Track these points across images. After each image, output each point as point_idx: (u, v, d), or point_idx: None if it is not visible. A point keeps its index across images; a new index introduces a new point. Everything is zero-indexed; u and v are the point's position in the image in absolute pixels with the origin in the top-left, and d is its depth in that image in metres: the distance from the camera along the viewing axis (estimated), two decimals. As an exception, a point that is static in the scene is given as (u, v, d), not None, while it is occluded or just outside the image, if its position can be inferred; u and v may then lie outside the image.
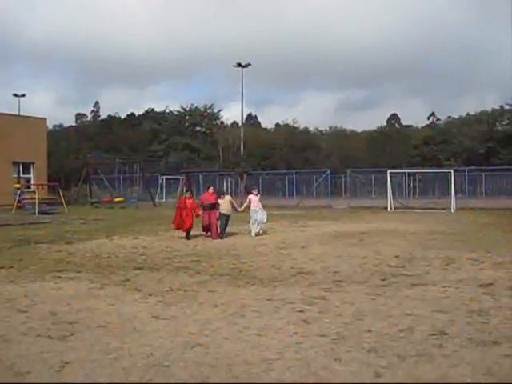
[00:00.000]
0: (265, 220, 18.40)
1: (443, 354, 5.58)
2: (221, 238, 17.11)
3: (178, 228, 17.56)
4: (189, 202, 17.73)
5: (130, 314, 7.36)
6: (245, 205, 19.18)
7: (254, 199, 18.66)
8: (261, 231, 18.24)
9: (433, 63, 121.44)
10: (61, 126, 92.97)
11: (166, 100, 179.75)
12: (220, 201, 17.88)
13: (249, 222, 18.50)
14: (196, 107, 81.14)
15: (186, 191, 18.38)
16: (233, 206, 18.57)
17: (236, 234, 18.73)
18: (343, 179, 51.43)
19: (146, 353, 5.68)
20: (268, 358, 5.56)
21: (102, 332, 6.50)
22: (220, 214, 17.62)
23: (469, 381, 4.62)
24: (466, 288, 8.93)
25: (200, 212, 17.73)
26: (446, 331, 6.35)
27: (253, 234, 17.88)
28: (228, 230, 18.35)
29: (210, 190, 18.37)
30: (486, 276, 9.99)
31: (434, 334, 6.22)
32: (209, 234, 17.60)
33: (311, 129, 79.98)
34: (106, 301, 8.24)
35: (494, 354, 5.59)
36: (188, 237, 17.15)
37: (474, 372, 5.09)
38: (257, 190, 19.67)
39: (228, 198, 18.65)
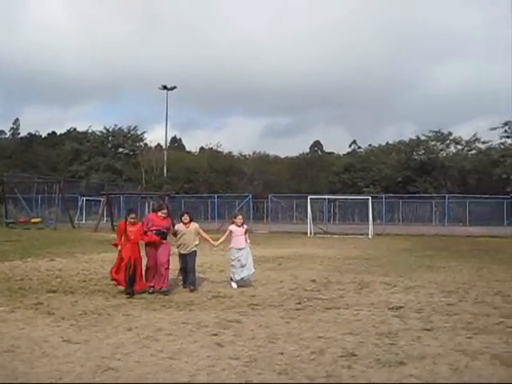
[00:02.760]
0: (251, 266, 12.29)
1: (351, 374, 5.75)
2: (191, 290, 11.24)
3: (115, 279, 11.08)
4: (133, 229, 11.05)
5: (40, 338, 7.18)
6: (222, 239, 12.55)
7: (237, 231, 12.38)
8: (248, 279, 12.17)
9: (356, 92, 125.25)
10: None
11: (90, 120, 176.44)
12: (179, 228, 11.91)
13: (231, 266, 12.31)
14: (120, 128, 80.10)
15: (129, 212, 11.40)
16: (202, 238, 12.32)
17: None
18: (265, 204, 51.92)
19: (55, 377, 5.58)
20: (179, 381, 5.57)
21: (10, 357, 6.31)
22: (179, 254, 12.00)
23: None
24: (377, 311, 9.22)
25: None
26: (356, 353, 6.54)
27: (234, 285, 11.90)
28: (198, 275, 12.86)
29: (163, 212, 11.52)
30: (397, 299, 10.36)
31: (343, 356, 6.39)
32: (152, 284, 11.19)
33: (235, 153, 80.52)
34: (16, 324, 7.99)
35: (399, 373, 5.83)
36: (130, 291, 10.63)
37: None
38: (241, 218, 12.74)
39: (194, 225, 12.08)
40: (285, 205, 50.57)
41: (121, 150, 79.69)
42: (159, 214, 11.43)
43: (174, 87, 69.58)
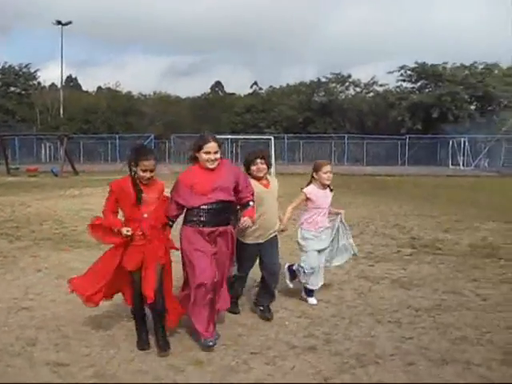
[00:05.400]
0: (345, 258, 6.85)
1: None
2: (268, 319, 5.74)
3: (82, 291, 5.05)
4: (151, 196, 4.98)
5: None
6: (289, 211, 6.36)
7: (318, 196, 6.36)
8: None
9: (257, 34, 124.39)
10: None
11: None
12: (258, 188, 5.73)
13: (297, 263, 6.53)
14: (10, 66, 75.68)
15: (141, 152, 4.91)
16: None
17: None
18: (167, 144, 51.38)
19: (-35, 320, 5.42)
20: (97, 316, 5.58)
21: None
22: (244, 244, 5.74)
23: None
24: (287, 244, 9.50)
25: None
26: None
27: (313, 301, 6.31)
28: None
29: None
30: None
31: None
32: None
33: (135, 93, 78.44)
34: None
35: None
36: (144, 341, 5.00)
37: (292, 315, 5.57)
38: (330, 168, 6.37)
39: (274, 182, 6.12)
40: (188, 145, 50.22)
41: (12, 89, 75.56)
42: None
43: (69, 22, 66.10)
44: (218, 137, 5.22)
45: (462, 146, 43.65)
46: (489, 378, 4.37)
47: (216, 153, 5.05)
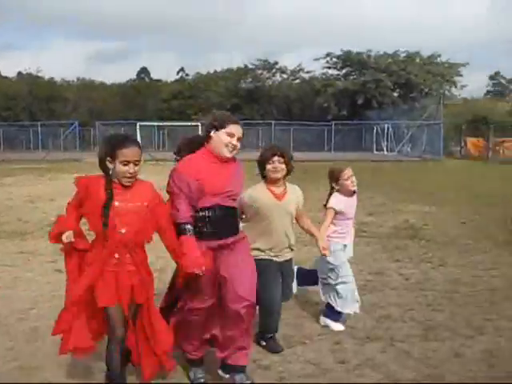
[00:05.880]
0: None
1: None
2: (278, 350, 4.59)
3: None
4: (128, 205, 3.59)
5: None
6: (326, 224, 5.20)
7: (347, 206, 5.25)
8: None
9: (184, 20, 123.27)
10: None
11: None
12: (257, 197, 4.65)
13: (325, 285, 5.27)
14: None
15: (119, 141, 3.59)
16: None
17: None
18: (92, 132, 50.23)
19: None
20: (21, 309, 5.43)
21: None
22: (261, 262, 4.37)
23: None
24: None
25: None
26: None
27: (340, 327, 5.10)
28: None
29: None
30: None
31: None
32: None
33: (57, 79, 76.22)
34: None
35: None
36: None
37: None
38: (350, 172, 5.18)
39: (296, 190, 4.97)
40: (113, 132, 49.26)
41: None
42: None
43: (-14, 5, 63.49)
44: (144, 124, 4.85)
45: (386, 131, 44.73)
46: (410, 353, 4.54)
47: (239, 140, 3.87)
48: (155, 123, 46.07)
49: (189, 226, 3.71)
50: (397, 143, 43.09)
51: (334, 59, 56.24)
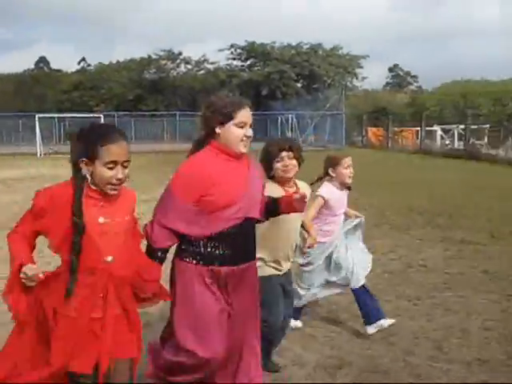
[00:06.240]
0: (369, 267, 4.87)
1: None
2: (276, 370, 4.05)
3: None
4: (111, 221, 2.68)
5: None
6: (313, 212, 4.59)
7: (336, 200, 4.76)
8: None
9: (84, 8, 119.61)
10: None
11: None
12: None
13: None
14: None
15: (99, 136, 2.64)
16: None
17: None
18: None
19: None
20: None
21: None
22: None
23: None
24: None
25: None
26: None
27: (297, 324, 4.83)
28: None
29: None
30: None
31: None
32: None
33: None
34: None
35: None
36: None
37: None
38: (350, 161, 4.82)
39: (306, 187, 4.14)
40: (11, 124, 47.25)
41: None
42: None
43: None
44: (43, 116, 3.99)
45: (290, 122, 45.40)
46: (316, 336, 4.62)
47: (251, 127, 3.08)
48: (55, 115, 44.49)
49: (158, 258, 2.96)
50: (301, 133, 43.86)
51: (239, 50, 56.47)
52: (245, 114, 3.01)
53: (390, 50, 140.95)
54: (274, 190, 3.61)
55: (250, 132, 3.03)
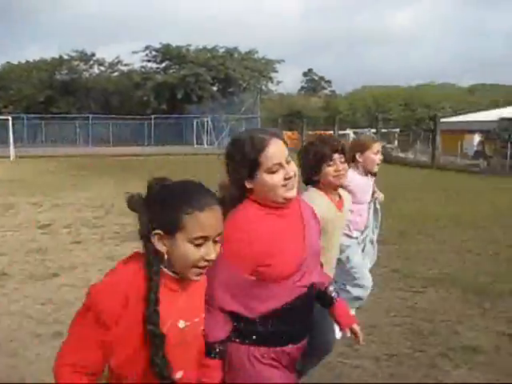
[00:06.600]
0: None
1: (3, 293, 5.63)
2: None
3: None
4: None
5: None
6: None
7: (361, 186, 4.43)
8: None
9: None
10: None
11: None
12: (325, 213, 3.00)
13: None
14: None
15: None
16: None
17: None
18: None
19: None
20: None
21: None
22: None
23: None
24: (25, 231, 9.09)
25: None
26: (7, 272, 6.42)
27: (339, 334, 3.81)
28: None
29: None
30: (45, 217, 10.36)
31: None
32: None
33: None
34: None
35: (53, 284, 5.94)
36: None
37: (34, 303, 5.32)
38: (379, 147, 4.57)
39: (347, 197, 3.52)
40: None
41: None
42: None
43: None
44: None
45: (206, 125, 45.45)
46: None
47: (289, 164, 2.20)
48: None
49: (221, 348, 2.12)
50: (217, 136, 43.95)
51: (154, 52, 55.94)
52: (275, 152, 2.15)
53: (305, 55, 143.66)
54: (317, 199, 3.06)
55: (291, 169, 2.19)
